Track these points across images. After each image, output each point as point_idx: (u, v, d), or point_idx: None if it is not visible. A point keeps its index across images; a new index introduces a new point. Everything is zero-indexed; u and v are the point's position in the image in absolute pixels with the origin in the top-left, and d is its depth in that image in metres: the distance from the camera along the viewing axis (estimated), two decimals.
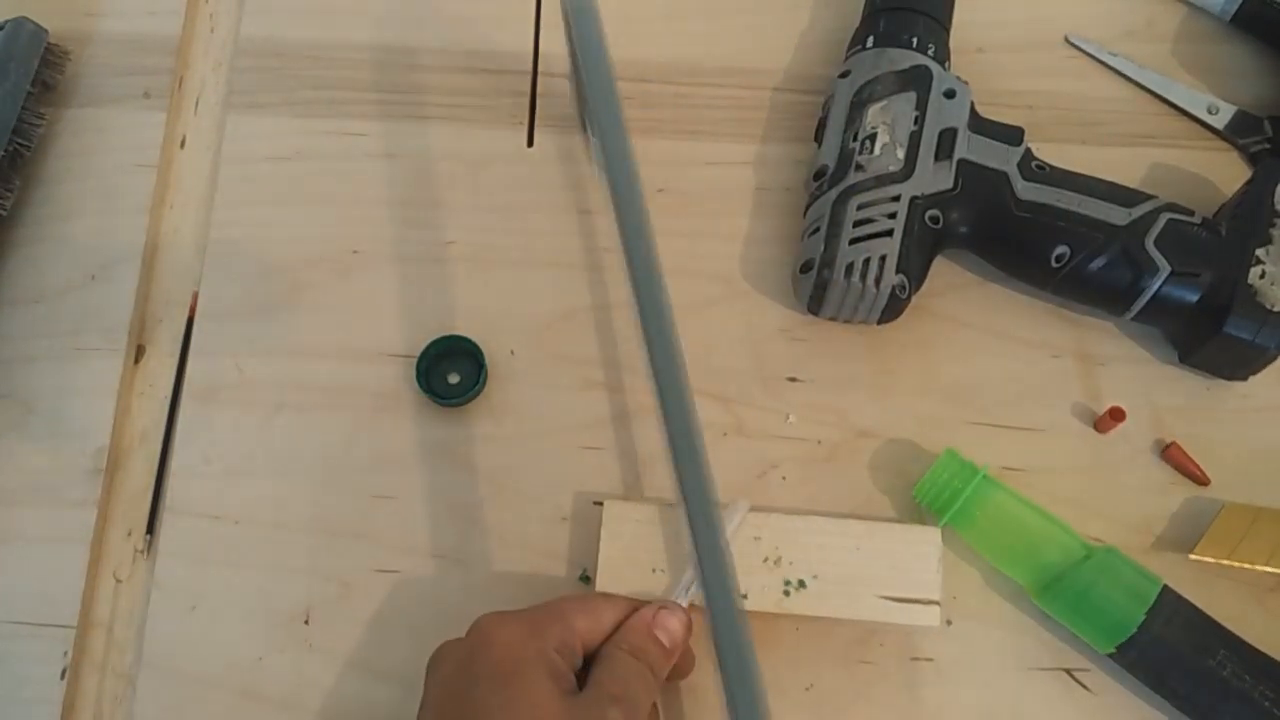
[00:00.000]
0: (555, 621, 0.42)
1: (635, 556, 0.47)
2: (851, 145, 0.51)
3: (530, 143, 0.57)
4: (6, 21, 0.56)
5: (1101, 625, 0.45)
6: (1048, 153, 0.52)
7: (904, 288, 0.49)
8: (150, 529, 0.51)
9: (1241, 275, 0.48)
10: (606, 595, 0.46)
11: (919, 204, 0.50)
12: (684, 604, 0.45)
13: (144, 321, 0.55)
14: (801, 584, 0.46)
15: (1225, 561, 0.48)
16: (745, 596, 0.46)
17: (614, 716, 0.40)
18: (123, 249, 0.55)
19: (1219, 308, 0.48)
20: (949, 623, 0.48)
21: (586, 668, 0.43)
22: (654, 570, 0.46)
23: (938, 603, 0.46)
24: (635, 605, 0.45)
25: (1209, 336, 0.49)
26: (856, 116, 0.52)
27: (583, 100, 0.48)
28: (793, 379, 0.53)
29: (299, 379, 0.53)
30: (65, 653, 0.48)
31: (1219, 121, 0.57)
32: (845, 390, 0.52)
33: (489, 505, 0.50)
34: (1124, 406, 0.50)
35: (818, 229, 0.51)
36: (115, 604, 0.50)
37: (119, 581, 0.50)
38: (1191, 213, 0.50)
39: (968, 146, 0.51)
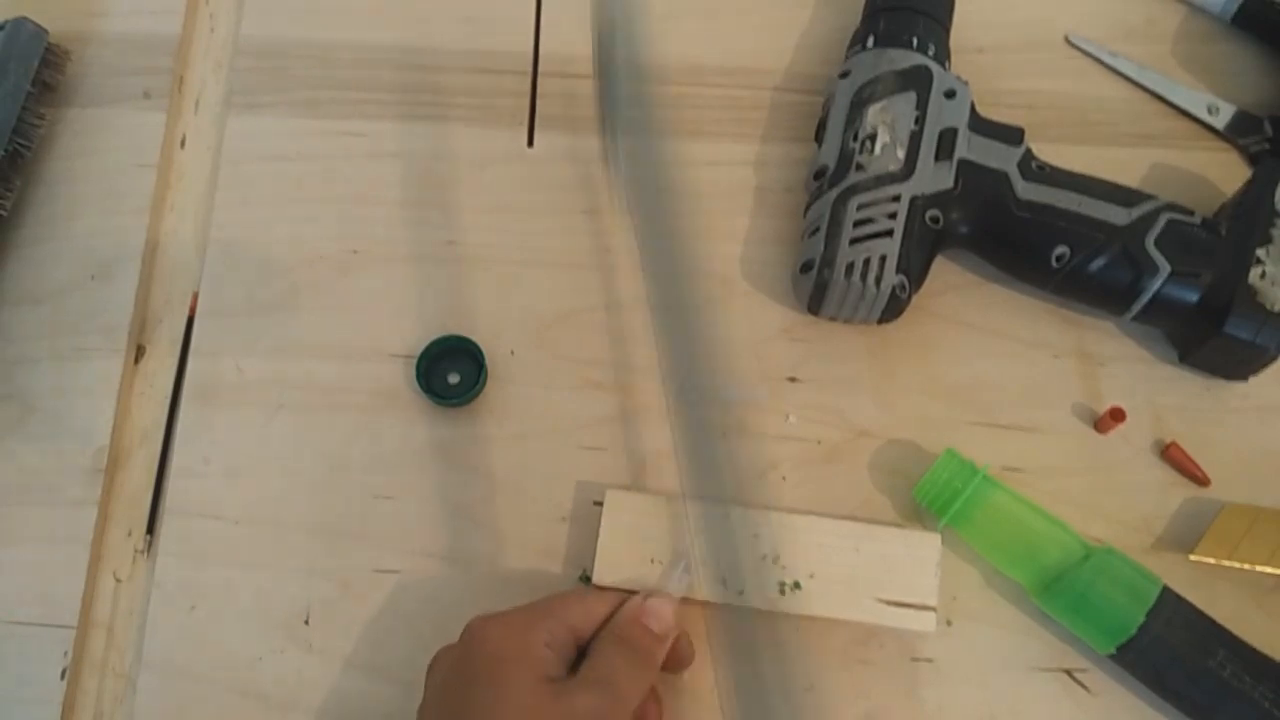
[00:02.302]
0: (545, 617, 0.43)
1: (634, 547, 0.47)
2: (851, 145, 0.51)
3: (530, 143, 0.57)
4: (6, 22, 0.56)
5: (1101, 625, 0.45)
6: (1048, 153, 0.52)
7: (904, 288, 0.49)
8: (150, 529, 0.51)
9: (1241, 275, 0.48)
10: (600, 590, 0.46)
11: (919, 204, 0.50)
12: (676, 594, 0.45)
13: (144, 321, 0.55)
14: (797, 585, 0.46)
15: (1225, 562, 0.48)
16: (741, 593, 0.46)
17: (586, 702, 0.40)
18: (123, 249, 0.55)
19: (1219, 308, 0.48)
20: (949, 623, 0.48)
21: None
22: (652, 561, 0.46)
23: (934, 609, 0.46)
24: (627, 597, 0.45)
25: (1209, 336, 0.49)
26: (856, 116, 0.52)
27: (606, 101, 0.48)
28: (793, 379, 0.53)
29: (299, 379, 0.53)
30: (65, 653, 0.48)
31: (1219, 121, 0.57)
32: (845, 390, 0.52)
33: (489, 505, 0.50)
34: (1124, 406, 0.50)
35: (818, 229, 0.51)
36: (115, 604, 0.50)
37: (119, 581, 0.50)
38: (1191, 213, 0.50)
39: (968, 146, 0.51)
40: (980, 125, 0.52)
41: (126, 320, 0.54)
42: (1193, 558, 0.48)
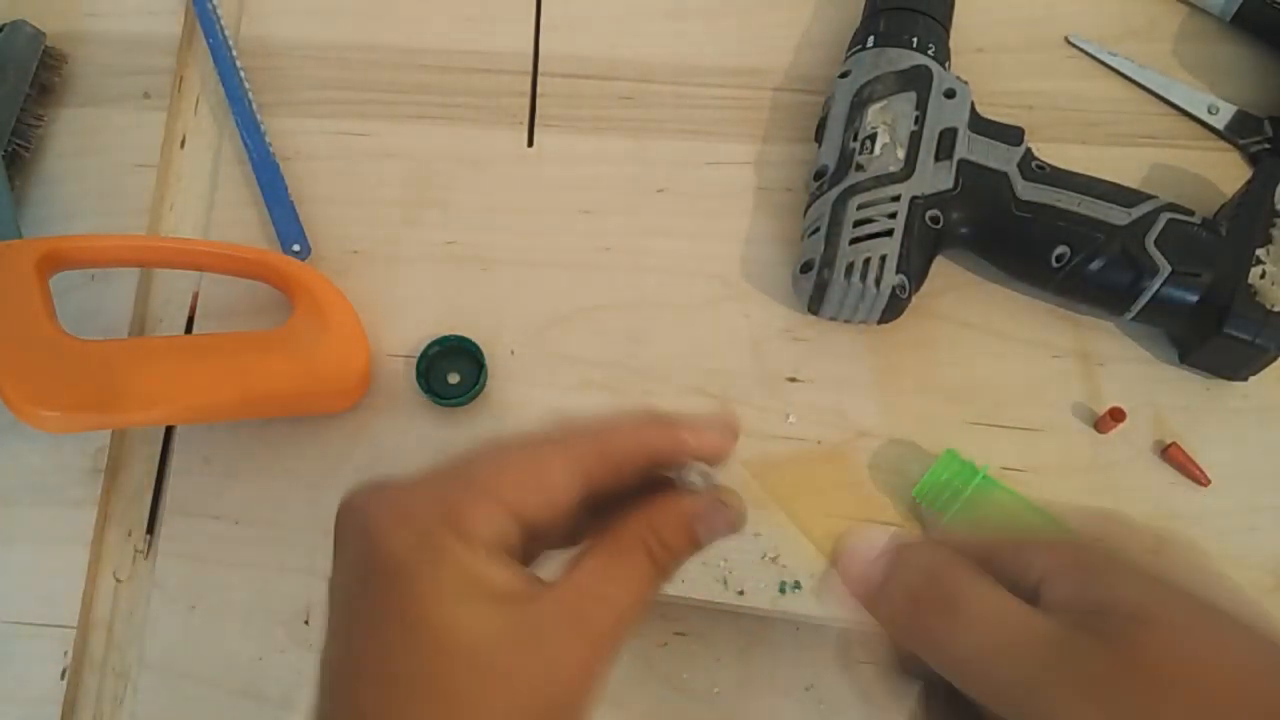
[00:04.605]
0: (470, 491, 0.31)
1: None
2: (852, 145, 0.51)
3: (530, 143, 0.57)
4: (4, 25, 0.56)
5: None
6: (1048, 153, 0.52)
7: (904, 288, 0.49)
8: (150, 529, 0.51)
9: (1242, 275, 0.48)
10: (557, 435, 0.33)
11: (919, 204, 0.50)
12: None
13: (144, 321, 0.55)
14: (797, 585, 0.46)
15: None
16: (741, 593, 0.46)
17: (573, 648, 0.30)
18: None
19: (1219, 308, 0.48)
20: None
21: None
22: None
23: None
24: (602, 440, 0.32)
25: (1209, 336, 0.49)
26: (857, 116, 0.52)
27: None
28: (793, 379, 0.53)
29: None
30: (65, 653, 0.48)
31: (1219, 121, 0.57)
32: (845, 390, 0.52)
33: None
34: (1124, 406, 0.50)
35: (818, 229, 0.51)
36: (115, 604, 0.50)
37: (119, 581, 0.50)
38: (1191, 213, 0.50)
39: (968, 146, 0.51)
40: (980, 125, 0.52)
41: (126, 320, 0.54)
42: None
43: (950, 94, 0.52)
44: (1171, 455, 0.51)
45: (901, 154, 0.51)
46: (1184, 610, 0.27)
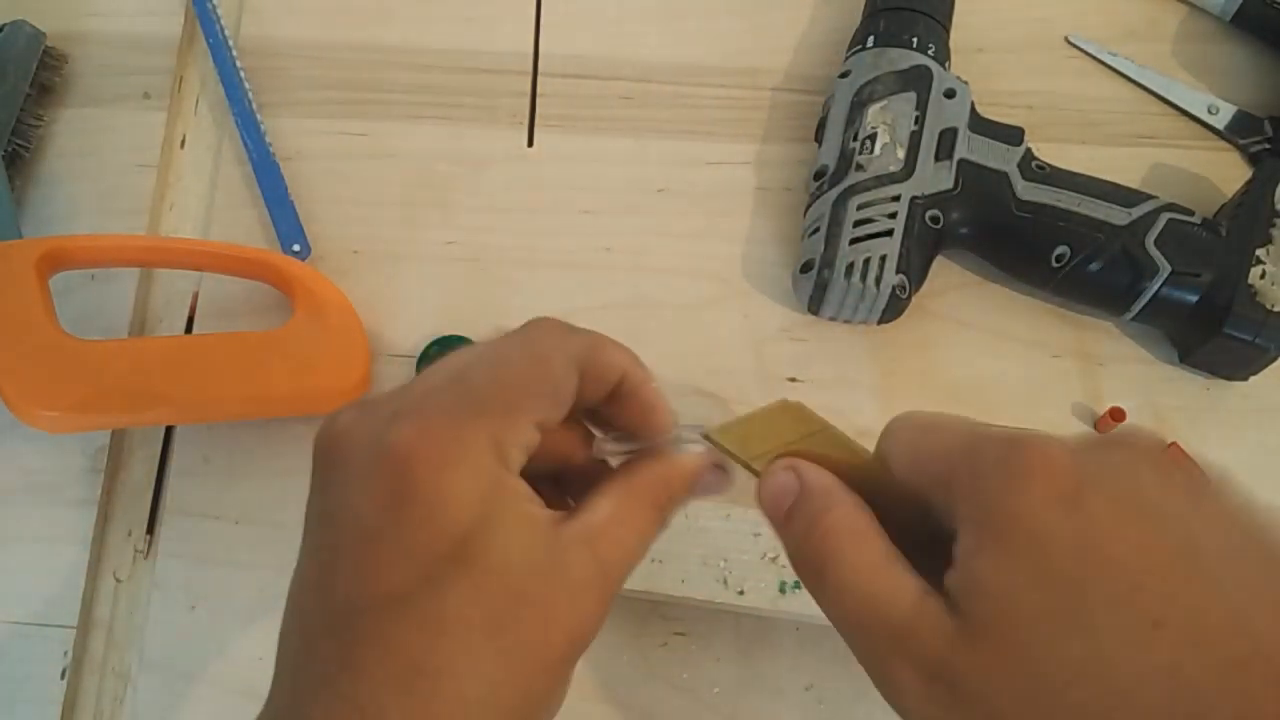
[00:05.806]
0: (507, 423, 0.30)
1: None
2: (851, 145, 0.51)
3: (530, 143, 0.57)
4: (4, 25, 0.56)
5: None
6: (1048, 153, 0.52)
7: (904, 288, 0.49)
8: (150, 529, 0.51)
9: (1242, 275, 0.48)
10: (539, 334, 0.32)
11: (919, 204, 0.50)
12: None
13: (144, 321, 0.55)
14: (797, 585, 0.46)
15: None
16: (741, 593, 0.46)
17: (585, 571, 0.30)
18: None
19: (1219, 308, 0.48)
20: None
21: None
22: (653, 560, 0.46)
23: None
24: (589, 343, 0.32)
25: (1209, 336, 0.49)
26: (856, 116, 0.52)
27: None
28: (793, 379, 0.53)
29: None
30: (65, 653, 0.48)
31: (1219, 121, 0.57)
32: (845, 390, 0.52)
33: None
34: (1124, 406, 0.50)
35: (818, 229, 0.51)
36: (115, 604, 0.50)
37: (119, 581, 0.50)
38: (1191, 213, 0.50)
39: (968, 146, 0.51)
40: (980, 125, 0.52)
41: (126, 320, 0.54)
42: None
43: (950, 94, 0.52)
44: (1171, 456, 0.51)
45: (901, 154, 0.51)
46: (1042, 609, 0.26)
